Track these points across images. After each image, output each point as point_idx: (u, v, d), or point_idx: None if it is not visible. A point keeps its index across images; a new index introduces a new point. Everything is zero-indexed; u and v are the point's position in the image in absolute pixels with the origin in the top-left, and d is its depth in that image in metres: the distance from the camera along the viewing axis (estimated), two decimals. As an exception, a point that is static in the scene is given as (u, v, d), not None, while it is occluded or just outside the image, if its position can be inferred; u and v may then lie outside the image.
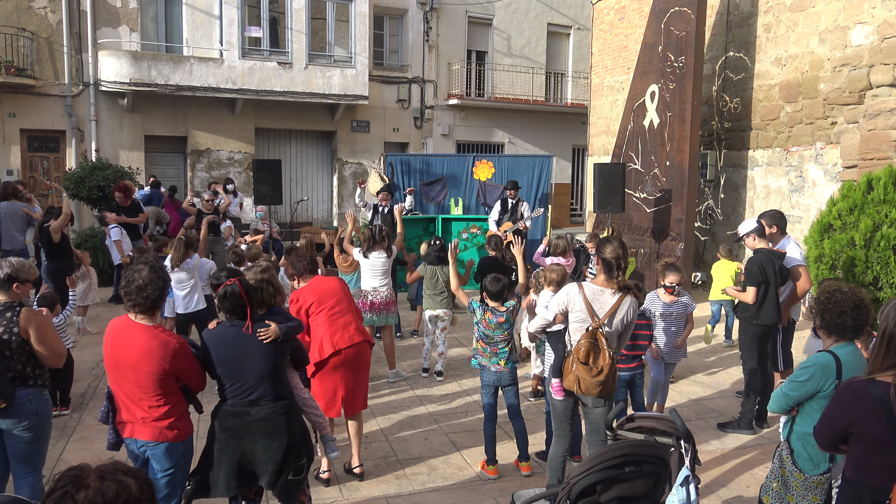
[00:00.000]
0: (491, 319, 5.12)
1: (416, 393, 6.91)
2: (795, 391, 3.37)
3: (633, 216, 12.26)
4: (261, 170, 10.96)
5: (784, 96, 10.92)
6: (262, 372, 3.60)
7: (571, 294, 4.20)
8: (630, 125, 12.56)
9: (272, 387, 3.63)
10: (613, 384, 4.20)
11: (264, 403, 3.60)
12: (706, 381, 7.39)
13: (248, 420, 3.58)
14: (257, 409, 3.59)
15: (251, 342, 3.61)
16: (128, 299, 3.46)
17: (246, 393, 3.60)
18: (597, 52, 15.97)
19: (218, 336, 3.66)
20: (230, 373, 3.61)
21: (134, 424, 3.49)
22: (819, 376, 3.30)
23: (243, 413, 3.59)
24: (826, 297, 3.39)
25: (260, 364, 3.60)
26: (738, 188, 12.03)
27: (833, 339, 3.38)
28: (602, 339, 4.10)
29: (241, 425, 3.59)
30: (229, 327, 3.66)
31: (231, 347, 3.61)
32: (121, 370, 3.44)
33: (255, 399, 3.60)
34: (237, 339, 3.61)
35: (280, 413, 3.62)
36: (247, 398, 3.60)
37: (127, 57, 16.33)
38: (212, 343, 3.64)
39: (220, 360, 3.62)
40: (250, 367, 3.59)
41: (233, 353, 3.60)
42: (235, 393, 3.61)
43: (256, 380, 3.60)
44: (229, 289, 3.64)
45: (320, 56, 18.38)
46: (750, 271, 5.93)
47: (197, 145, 18.04)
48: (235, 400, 3.61)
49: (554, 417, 4.47)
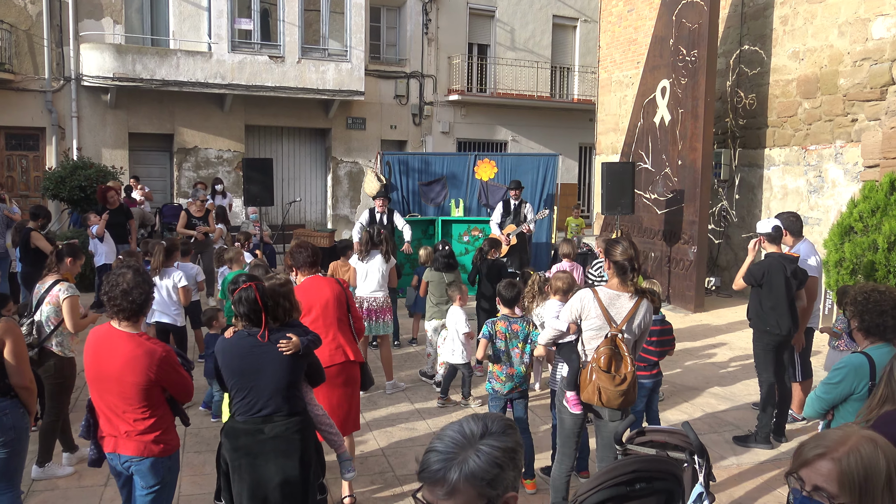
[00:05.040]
0: (505, 329, 5.11)
1: (415, 405, 6.89)
2: (829, 393, 3.40)
3: (644, 218, 12.26)
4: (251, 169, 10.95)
5: (802, 92, 10.92)
6: (276, 386, 3.57)
7: (585, 300, 4.18)
8: (640, 122, 12.56)
9: (286, 402, 3.60)
10: (635, 394, 4.18)
11: (278, 420, 3.56)
12: (721, 393, 7.38)
13: (261, 438, 3.54)
14: (271, 427, 3.54)
15: (268, 353, 3.58)
16: (111, 305, 3.45)
17: (259, 408, 3.56)
18: (605, 45, 15.98)
19: (233, 346, 3.63)
20: (242, 385, 3.58)
21: (117, 438, 3.48)
22: (852, 377, 3.33)
23: (256, 431, 3.54)
24: (864, 298, 3.42)
25: (276, 377, 3.56)
26: (753, 189, 12.03)
27: (869, 341, 3.43)
28: (622, 345, 4.08)
29: (253, 444, 3.54)
30: (245, 336, 3.62)
31: (246, 358, 3.58)
32: (103, 381, 3.43)
33: (268, 415, 3.56)
34: (253, 350, 3.59)
35: (294, 430, 3.59)
36: (259, 413, 3.56)
37: (110, 50, 16.34)
38: (225, 353, 3.62)
39: (232, 372, 3.59)
40: (265, 380, 3.56)
41: (247, 365, 3.57)
42: (247, 408, 3.57)
43: (270, 394, 3.56)
44: (244, 293, 3.62)
45: (314, 49, 18.40)
46: (751, 271, 5.95)
47: (184, 143, 18.05)
48: (247, 416, 3.57)
49: (560, 433, 4.45)
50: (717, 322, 10.43)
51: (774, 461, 5.68)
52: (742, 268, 6.17)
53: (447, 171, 12.92)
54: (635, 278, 4.17)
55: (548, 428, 6.05)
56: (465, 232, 12.22)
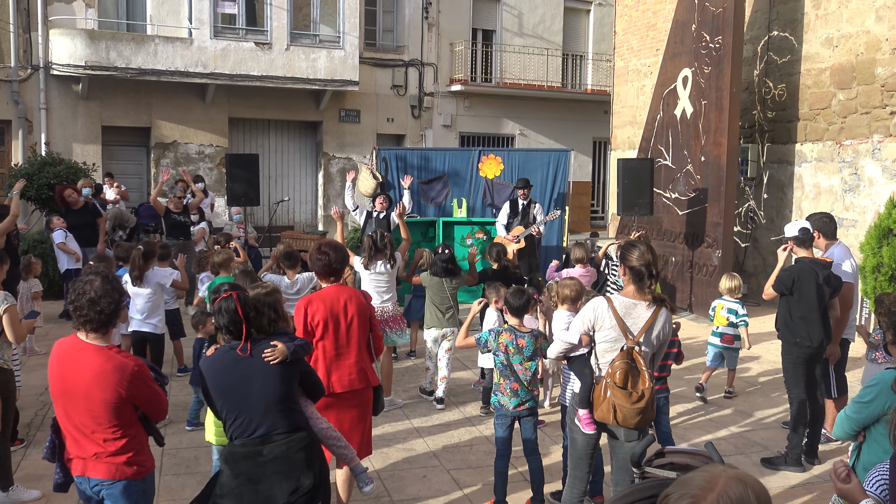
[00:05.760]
0: (510, 342, 5.10)
1: (414, 423, 6.88)
2: (859, 413, 3.38)
3: (663, 219, 12.24)
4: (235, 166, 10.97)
5: (836, 82, 10.91)
6: (268, 400, 3.57)
7: (599, 310, 4.16)
8: (659, 115, 12.56)
9: (283, 418, 3.59)
10: (653, 412, 4.17)
11: (277, 439, 3.55)
12: (747, 410, 7.35)
13: (261, 461, 3.53)
14: (270, 447, 3.53)
15: (253, 366, 3.59)
16: (78, 315, 3.44)
17: (253, 428, 3.56)
18: (621, 31, 15.99)
19: (216, 363, 3.65)
20: (232, 405, 3.58)
21: (86, 461, 3.47)
22: (885, 396, 3.32)
23: (255, 454, 3.53)
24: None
25: (265, 391, 3.57)
26: (783, 187, 12.02)
27: None
28: (640, 359, 4.07)
29: (253, 468, 3.52)
30: (228, 351, 3.65)
31: (230, 374, 3.59)
32: (70, 398, 3.42)
33: (265, 434, 3.55)
34: (237, 365, 3.59)
35: (297, 448, 3.58)
36: (255, 434, 3.55)
37: (82, 36, 16.37)
38: (209, 371, 3.63)
39: (219, 391, 3.60)
40: (254, 396, 3.56)
41: (232, 381, 3.57)
42: (241, 429, 3.57)
43: (263, 410, 3.56)
44: (224, 303, 3.65)
45: (304, 35, 18.42)
46: (780, 279, 5.95)
47: (162, 137, 18.08)
48: (244, 438, 3.56)
49: (572, 455, 4.44)
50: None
51: (806, 485, 5.66)
52: (771, 276, 6.15)
53: (449, 167, 12.91)
54: (653, 285, 4.15)
55: (559, 448, 6.03)
56: (468, 234, 12.20)
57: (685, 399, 7.59)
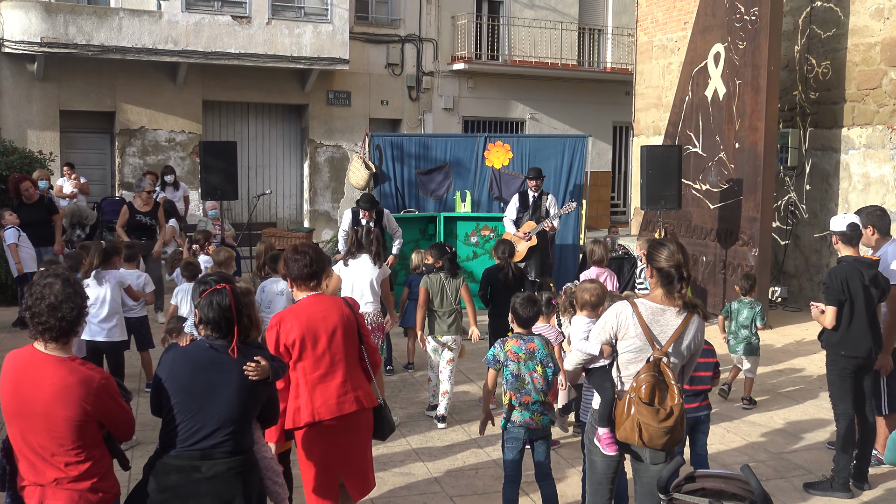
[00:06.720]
0: (518, 348, 5.11)
1: (412, 444, 6.88)
2: None
3: (693, 214, 12.24)
4: (210, 155, 10.96)
5: (887, 59, 10.90)
6: (229, 415, 3.61)
7: (623, 316, 4.15)
8: (688, 96, 12.55)
9: (233, 437, 3.63)
10: (682, 431, 4.16)
11: (219, 457, 3.59)
12: (788, 429, 7.35)
13: (196, 477, 3.56)
14: (209, 465, 3.57)
15: (228, 373, 3.62)
16: (36, 323, 3.43)
17: (199, 438, 3.58)
18: (644, 2, 15.99)
19: (188, 356, 3.67)
20: (187, 406, 3.60)
21: (44, 488, 3.46)
22: None
23: (190, 468, 3.57)
24: None
25: (230, 404, 3.60)
26: (827, 177, 12.01)
27: None
28: (668, 371, 4.05)
29: (186, 484, 3.56)
30: (206, 348, 3.67)
31: (199, 374, 3.62)
32: (26, 417, 3.42)
33: (209, 449, 3.58)
34: (212, 365, 3.63)
35: (236, 472, 3.62)
36: (197, 445, 3.58)
37: (37, 9, 16.38)
38: (176, 363, 3.65)
39: (179, 387, 3.62)
40: (217, 405, 3.59)
41: (199, 381, 3.61)
42: (186, 435, 3.59)
43: (219, 423, 3.59)
44: (216, 296, 3.67)
45: (287, 8, 18.42)
46: (829, 287, 5.88)
47: (128, 123, 18.09)
48: (183, 448, 3.59)
49: (591, 479, 4.44)
50: (784, 341, 10.41)
51: (855, 514, 5.66)
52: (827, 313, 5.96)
53: (451, 156, 12.91)
54: (684, 289, 4.13)
55: (576, 472, 6.03)
56: (472, 231, 12.21)
57: (716, 417, 7.58)
